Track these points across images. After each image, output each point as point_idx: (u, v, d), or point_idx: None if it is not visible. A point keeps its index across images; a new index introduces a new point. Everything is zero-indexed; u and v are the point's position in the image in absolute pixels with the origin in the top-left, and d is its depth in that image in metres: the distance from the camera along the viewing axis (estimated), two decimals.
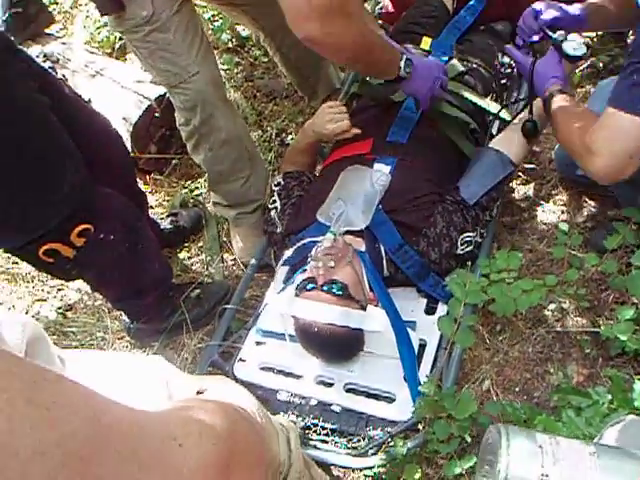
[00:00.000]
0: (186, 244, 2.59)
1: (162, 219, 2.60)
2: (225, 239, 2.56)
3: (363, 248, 1.94)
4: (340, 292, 1.77)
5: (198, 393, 0.78)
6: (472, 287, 1.65)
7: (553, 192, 2.37)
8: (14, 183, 1.63)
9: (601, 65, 2.66)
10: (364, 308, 1.81)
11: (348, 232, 1.94)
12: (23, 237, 1.74)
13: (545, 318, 1.99)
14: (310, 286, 1.80)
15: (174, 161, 2.79)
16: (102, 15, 2.07)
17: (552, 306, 1.98)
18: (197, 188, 2.74)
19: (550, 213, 2.31)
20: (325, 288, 1.78)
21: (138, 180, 2.42)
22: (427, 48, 2.44)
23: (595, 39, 2.82)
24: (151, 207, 2.67)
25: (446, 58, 2.38)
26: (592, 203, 2.27)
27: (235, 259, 2.50)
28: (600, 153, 1.57)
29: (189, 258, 2.54)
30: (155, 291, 2.19)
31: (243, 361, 2.00)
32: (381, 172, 2.03)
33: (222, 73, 2.45)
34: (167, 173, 2.78)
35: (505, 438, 1.03)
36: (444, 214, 1.97)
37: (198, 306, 2.29)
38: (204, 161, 2.33)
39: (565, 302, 1.99)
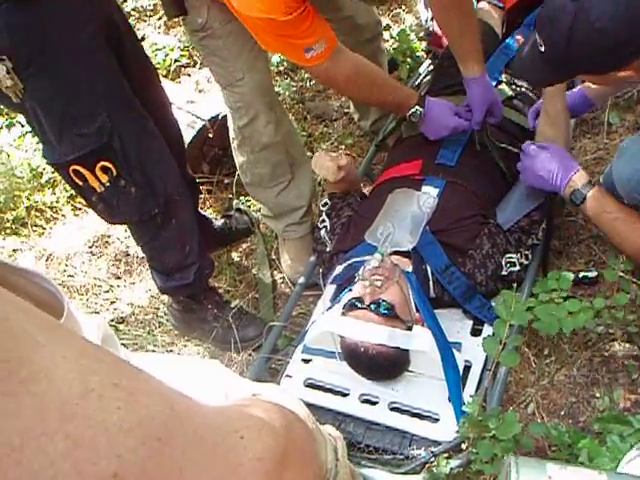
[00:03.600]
0: (240, 257, 2.65)
1: (215, 219, 2.69)
2: (274, 256, 2.61)
3: (410, 269, 1.98)
4: (387, 312, 1.80)
5: (253, 395, 0.82)
6: (518, 308, 1.66)
7: None
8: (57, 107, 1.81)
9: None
10: (410, 328, 1.84)
11: (395, 252, 1.98)
12: (57, 157, 1.90)
13: (592, 342, 1.99)
14: (358, 305, 1.84)
15: (226, 180, 2.85)
16: (168, 18, 2.22)
17: (599, 329, 1.97)
18: (249, 200, 2.80)
19: (598, 238, 2.30)
20: (372, 307, 1.81)
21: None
22: None
23: None
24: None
25: (494, 82, 2.40)
26: None
27: (283, 277, 2.54)
28: None
29: (241, 272, 2.59)
30: (179, 277, 2.23)
31: (289, 377, 2.04)
32: (428, 195, 2.07)
33: None
34: (219, 192, 2.85)
35: (515, 470, 1.06)
36: (489, 236, 2.00)
37: (244, 330, 2.33)
38: (246, 162, 2.40)
39: (612, 327, 1.98)
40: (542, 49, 1.61)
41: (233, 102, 2.25)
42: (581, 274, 2.14)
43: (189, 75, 3.46)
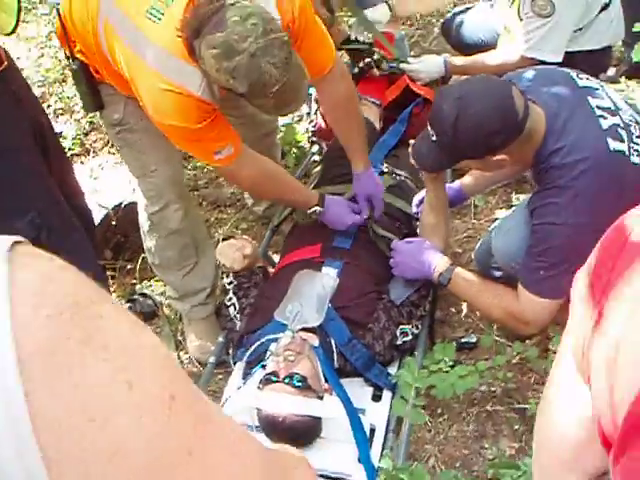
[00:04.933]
0: None
1: (120, 304, 2.77)
2: (179, 338, 2.73)
3: (317, 343, 2.18)
4: (300, 384, 1.99)
5: None
6: (419, 374, 1.91)
7: None
8: None
9: None
10: (321, 398, 2.03)
11: (303, 329, 2.18)
12: None
13: (477, 400, 2.26)
14: (273, 379, 2.01)
15: (129, 266, 2.97)
16: (86, 112, 2.35)
17: (483, 388, 2.25)
18: (151, 286, 2.92)
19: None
20: (287, 380, 1.99)
21: None
22: None
23: None
24: None
25: (377, 172, 2.70)
26: None
27: (190, 357, 2.67)
28: (532, 324, 2.09)
29: None
30: None
31: None
32: (330, 276, 2.30)
33: None
34: (122, 277, 2.96)
35: None
36: (385, 310, 2.25)
37: None
38: (154, 246, 2.54)
39: (494, 385, 2.27)
40: (433, 138, 1.98)
41: (145, 191, 2.42)
42: (462, 340, 2.44)
43: (82, 163, 3.57)
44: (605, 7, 2.81)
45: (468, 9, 3.55)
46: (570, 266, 1.95)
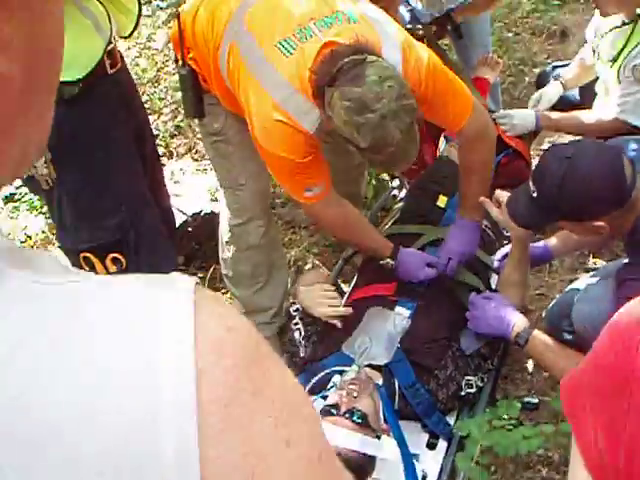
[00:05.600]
0: None
1: None
2: None
3: (380, 382, 2.17)
4: (360, 420, 1.97)
5: None
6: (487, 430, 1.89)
7: None
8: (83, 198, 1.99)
9: None
10: (379, 437, 2.01)
11: (369, 365, 2.18)
12: (71, 243, 2.07)
13: (533, 463, 2.22)
14: (333, 412, 2.01)
15: (199, 274, 3.01)
16: (186, 117, 2.41)
17: (540, 452, 2.21)
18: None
19: (539, 367, 2.57)
20: (347, 415, 1.98)
21: None
22: (443, 205, 2.77)
23: None
24: None
25: None
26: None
27: None
28: None
29: None
30: None
31: None
32: (402, 316, 2.30)
33: None
34: None
35: None
36: (453, 359, 2.23)
37: None
38: (230, 259, 2.57)
39: (551, 450, 2.22)
40: (534, 195, 1.95)
41: (231, 203, 2.46)
42: (525, 400, 2.39)
43: (164, 165, 3.64)
44: None
45: (566, 65, 3.52)
46: None
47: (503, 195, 2.35)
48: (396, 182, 3.37)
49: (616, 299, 1.98)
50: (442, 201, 2.79)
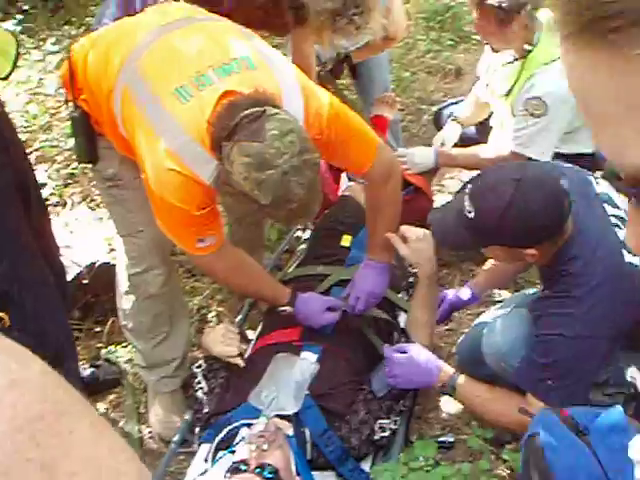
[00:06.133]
0: (107, 408, 2.61)
1: (84, 368, 2.65)
2: (142, 410, 2.60)
3: (291, 432, 2.07)
4: (271, 475, 1.86)
5: None
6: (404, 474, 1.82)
7: None
8: None
9: None
10: None
11: (277, 415, 2.07)
12: None
13: None
14: (242, 468, 1.89)
15: (96, 328, 2.84)
16: (79, 163, 2.28)
17: None
18: (117, 352, 2.80)
19: (451, 405, 2.53)
20: (257, 471, 1.87)
21: None
22: (347, 245, 2.73)
23: None
24: None
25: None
26: None
27: (151, 432, 2.53)
28: None
29: None
30: None
31: None
32: (309, 361, 2.21)
33: None
34: (88, 339, 2.83)
35: None
36: (364, 402, 2.16)
37: None
38: (129, 310, 2.44)
39: None
40: (470, 215, 1.86)
41: (128, 251, 2.34)
42: (440, 439, 2.34)
43: (57, 214, 3.46)
44: None
45: (460, 101, 3.59)
46: (581, 377, 1.93)
47: (410, 231, 2.32)
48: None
49: (535, 335, 1.97)
50: (346, 240, 2.75)
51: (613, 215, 1.96)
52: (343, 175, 3.16)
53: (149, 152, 1.95)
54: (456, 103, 3.60)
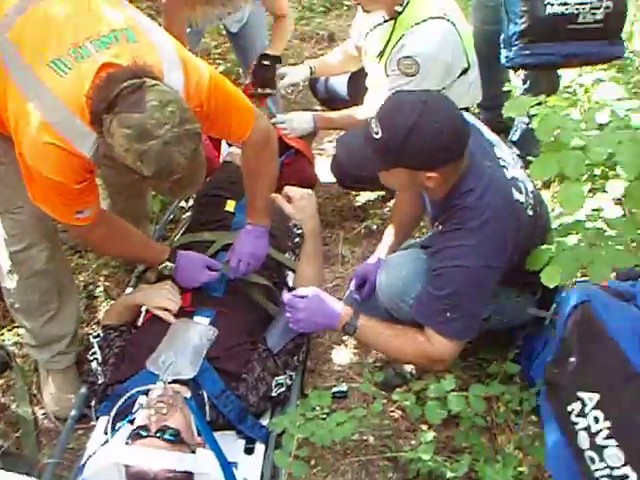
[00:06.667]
0: None
1: None
2: (34, 391, 2.54)
3: (189, 395, 2.10)
4: (173, 438, 1.89)
5: None
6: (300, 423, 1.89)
7: (343, 338, 2.70)
8: None
9: (375, 227, 3.16)
10: (194, 452, 1.94)
11: (174, 380, 2.09)
12: None
13: (350, 449, 2.26)
14: (143, 433, 1.90)
15: None
16: None
17: (355, 437, 2.25)
18: (2, 335, 2.72)
19: (342, 356, 2.63)
20: (158, 434, 1.89)
21: None
22: (232, 210, 2.76)
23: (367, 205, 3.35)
24: None
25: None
26: None
27: (46, 412, 2.48)
28: (446, 362, 2.13)
29: None
30: None
31: None
32: (209, 327, 2.24)
33: None
34: None
35: None
36: (259, 360, 2.21)
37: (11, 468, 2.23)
38: (15, 288, 2.37)
39: (366, 434, 2.28)
40: (377, 136, 1.91)
41: (9, 228, 2.26)
42: (334, 389, 2.44)
43: None
44: (465, 71, 2.99)
45: None
46: (477, 307, 2.05)
47: (293, 190, 2.38)
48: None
49: (432, 269, 2.06)
50: (230, 205, 2.78)
51: (500, 158, 2.10)
52: (223, 141, 3.17)
53: (25, 126, 1.89)
54: None
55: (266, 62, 3.31)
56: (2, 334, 2.73)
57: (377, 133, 1.92)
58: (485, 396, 2.09)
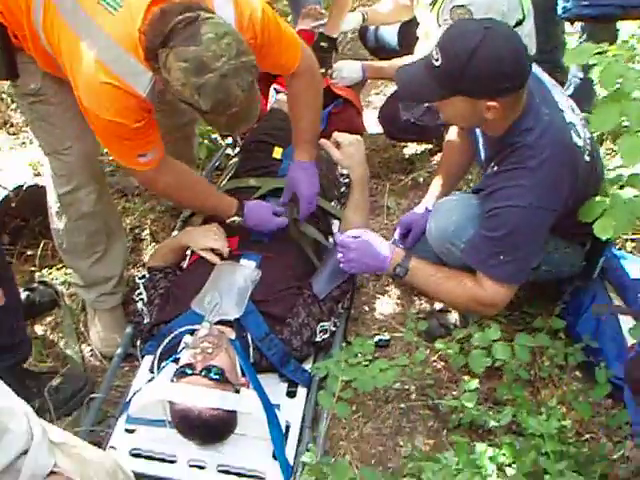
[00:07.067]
0: (45, 330, 2.60)
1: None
2: (83, 329, 2.59)
3: (233, 336, 2.12)
4: (218, 377, 1.92)
5: None
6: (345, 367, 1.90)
7: (387, 288, 2.70)
8: None
9: (421, 180, 3.12)
10: (238, 391, 1.97)
11: (219, 322, 2.11)
12: None
13: (391, 397, 2.26)
14: (188, 372, 1.93)
15: (28, 252, 2.79)
16: None
17: (397, 385, 2.26)
18: (52, 274, 2.77)
19: (386, 306, 2.63)
20: (204, 373, 1.92)
21: None
22: (279, 157, 2.74)
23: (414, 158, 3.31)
24: None
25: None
26: (422, 298, 2.62)
27: (93, 350, 2.53)
28: (498, 307, 2.10)
29: (47, 346, 2.53)
30: (9, 358, 2.16)
31: (114, 448, 2.05)
32: (253, 269, 2.25)
33: None
34: (20, 264, 2.78)
35: None
36: (304, 305, 2.22)
37: (56, 395, 2.29)
38: (63, 230, 2.40)
39: (407, 383, 2.28)
40: (437, 63, 1.89)
41: (57, 169, 2.27)
42: (376, 338, 2.43)
43: None
44: (519, 22, 2.89)
45: None
46: (531, 250, 2.02)
47: (342, 136, 2.35)
48: (228, 140, 3.30)
49: (486, 211, 2.02)
50: (277, 152, 2.76)
51: (559, 102, 2.04)
52: (271, 88, 3.14)
53: (80, 67, 1.89)
54: None
55: (323, 44, 3.26)
56: (51, 273, 2.77)
57: (437, 60, 1.89)
58: (530, 348, 2.07)
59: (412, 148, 3.41)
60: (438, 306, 2.56)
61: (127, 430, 2.09)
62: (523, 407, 2.07)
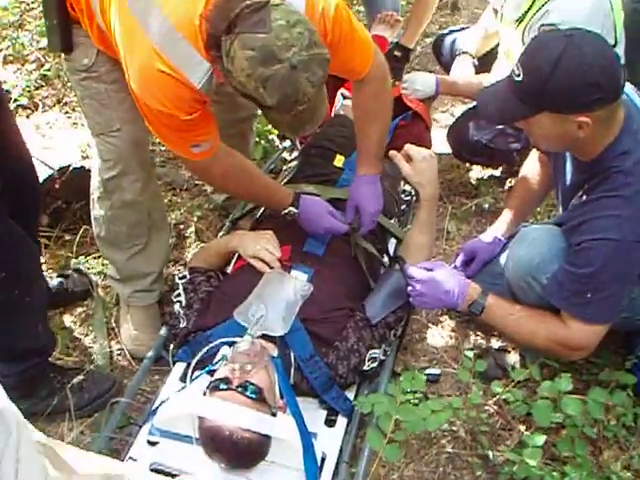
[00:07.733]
0: (74, 321, 2.47)
1: (50, 277, 2.49)
2: (114, 325, 2.45)
3: (275, 353, 1.95)
4: (254, 395, 1.75)
5: None
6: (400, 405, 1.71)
7: (440, 318, 2.51)
8: None
9: (486, 206, 2.93)
10: (275, 414, 1.79)
11: (262, 335, 1.94)
12: None
13: (437, 439, 2.07)
14: (224, 386, 1.76)
15: (66, 236, 2.67)
16: (50, 51, 2.08)
17: (444, 426, 2.06)
18: (88, 262, 2.64)
19: (438, 337, 2.44)
20: (240, 389, 1.75)
21: None
22: (340, 165, 2.58)
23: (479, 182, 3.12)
24: None
25: None
26: (478, 333, 2.42)
27: (122, 349, 2.38)
28: (584, 351, 1.93)
29: (75, 339, 2.39)
30: (33, 359, 2.05)
31: (133, 460, 1.89)
32: (304, 282, 2.07)
33: None
34: (57, 248, 2.65)
35: None
36: (355, 329, 2.04)
37: (80, 394, 2.15)
38: (103, 217, 2.26)
39: (455, 424, 2.08)
40: (518, 78, 1.72)
41: (104, 152, 2.14)
42: (426, 371, 2.24)
43: (28, 117, 3.23)
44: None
45: (463, 29, 3.41)
46: (621, 288, 1.80)
47: (414, 149, 2.17)
48: (287, 143, 3.15)
49: (575, 244, 1.83)
50: (339, 161, 2.60)
51: None
52: (338, 93, 2.98)
53: (134, 51, 1.76)
54: (457, 31, 3.41)
55: (397, 53, 3.11)
56: (87, 261, 2.64)
57: (518, 75, 1.72)
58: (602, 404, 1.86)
59: (477, 172, 3.21)
60: (495, 344, 2.36)
61: (149, 442, 1.93)
62: (584, 468, 1.87)
